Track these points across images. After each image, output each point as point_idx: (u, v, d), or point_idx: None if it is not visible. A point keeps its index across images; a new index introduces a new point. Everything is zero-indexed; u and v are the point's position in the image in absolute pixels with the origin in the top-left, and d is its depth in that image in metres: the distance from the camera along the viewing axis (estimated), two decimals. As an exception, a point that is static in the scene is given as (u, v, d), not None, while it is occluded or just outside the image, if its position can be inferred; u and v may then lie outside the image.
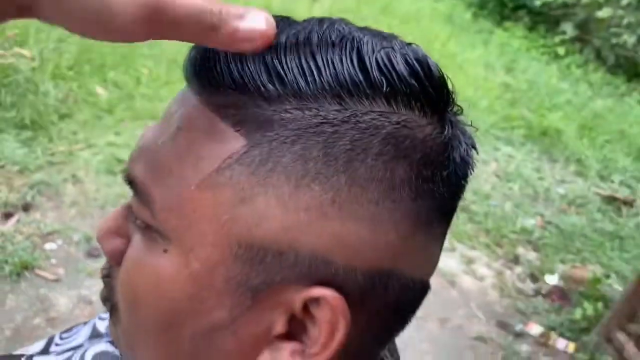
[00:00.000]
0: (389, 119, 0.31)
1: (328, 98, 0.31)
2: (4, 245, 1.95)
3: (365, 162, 0.31)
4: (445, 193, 0.34)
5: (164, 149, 0.33)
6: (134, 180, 0.34)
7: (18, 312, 1.75)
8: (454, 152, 0.34)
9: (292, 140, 0.30)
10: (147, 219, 0.33)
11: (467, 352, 2.08)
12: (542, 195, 3.47)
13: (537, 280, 2.65)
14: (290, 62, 0.31)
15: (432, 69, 0.33)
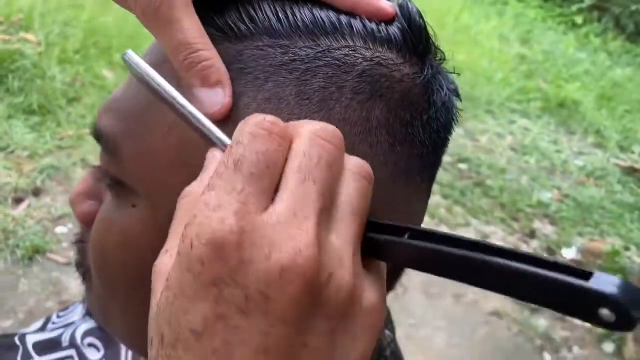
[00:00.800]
0: (363, 55, 0.30)
1: (302, 36, 0.30)
2: (15, 229, 1.96)
3: (339, 100, 0.29)
4: (426, 140, 0.32)
5: (132, 96, 0.32)
6: (101, 133, 0.33)
7: (31, 295, 1.76)
8: (435, 95, 0.33)
9: (265, 77, 0.29)
10: (115, 172, 0.32)
11: (482, 328, 2.05)
12: (559, 168, 3.40)
13: (554, 254, 2.60)
14: (262, 5, 0.30)
15: (412, 12, 0.32)
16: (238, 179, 0.23)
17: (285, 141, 0.25)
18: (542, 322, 2.13)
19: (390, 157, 0.31)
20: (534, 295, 0.23)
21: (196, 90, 0.28)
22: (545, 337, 2.05)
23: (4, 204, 2.06)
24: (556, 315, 2.19)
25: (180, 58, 0.28)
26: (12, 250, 1.88)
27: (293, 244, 0.22)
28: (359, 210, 0.25)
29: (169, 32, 0.28)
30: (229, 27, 0.30)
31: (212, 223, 0.22)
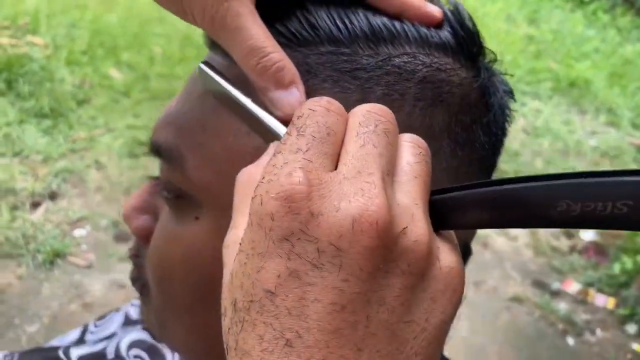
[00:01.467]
0: (423, 61, 0.31)
1: (361, 44, 0.30)
2: (35, 234, 1.97)
3: (402, 108, 0.30)
4: (485, 144, 0.33)
5: (193, 109, 0.33)
6: (161, 146, 0.34)
7: (54, 299, 1.78)
8: (492, 98, 0.33)
9: (332, 81, 0.30)
10: (178, 182, 0.33)
11: (504, 314, 2.05)
12: (573, 149, 3.37)
13: (572, 236, 2.58)
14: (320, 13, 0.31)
15: (463, 14, 0.33)
16: (302, 141, 0.23)
17: (342, 117, 0.25)
18: (563, 306, 2.12)
19: (452, 162, 0.31)
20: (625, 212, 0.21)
21: (271, 93, 0.29)
22: (567, 321, 2.04)
23: (22, 209, 2.07)
24: (577, 298, 2.18)
25: (253, 63, 0.28)
26: (34, 255, 1.89)
27: (362, 195, 0.22)
28: (421, 174, 0.25)
29: (239, 40, 0.28)
30: (292, 34, 0.30)
31: (280, 178, 0.22)
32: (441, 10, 0.32)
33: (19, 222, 2.01)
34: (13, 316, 1.69)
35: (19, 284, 1.80)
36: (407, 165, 0.25)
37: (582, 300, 2.17)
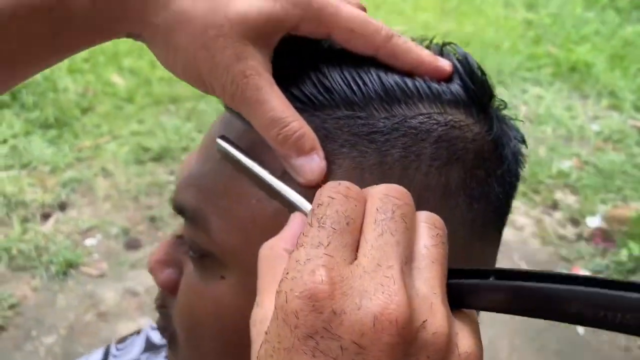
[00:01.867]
0: (437, 120, 0.31)
1: (376, 106, 0.31)
2: (47, 246, 1.99)
3: (419, 169, 0.31)
4: (500, 194, 0.34)
5: (214, 172, 0.33)
6: (185, 208, 0.35)
7: (69, 310, 1.80)
8: (505, 149, 0.34)
9: (350, 146, 0.31)
10: (203, 244, 0.34)
11: (513, 305, 2.07)
12: (576, 135, 3.37)
13: (578, 224, 2.60)
14: (334, 75, 0.32)
15: (473, 66, 0.34)
16: (323, 234, 0.24)
17: (360, 203, 0.26)
18: (572, 295, 2.14)
19: (468, 215, 0.32)
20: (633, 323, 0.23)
21: (293, 160, 0.30)
22: (576, 310, 2.06)
23: (33, 221, 2.09)
24: (586, 286, 2.19)
25: (274, 134, 0.29)
26: (47, 266, 1.92)
27: (382, 292, 0.23)
28: (438, 258, 0.26)
29: (260, 112, 0.30)
30: (308, 99, 0.31)
31: (303, 276, 0.23)
32: (451, 63, 0.33)
33: (30, 234, 2.03)
34: (30, 328, 1.72)
35: (34, 296, 1.83)
36: (425, 249, 0.25)
37: (591, 288, 2.19)
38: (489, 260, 0.35)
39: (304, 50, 0.33)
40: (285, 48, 0.32)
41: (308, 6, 0.30)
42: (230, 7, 0.28)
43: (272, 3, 0.29)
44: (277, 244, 0.27)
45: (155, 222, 2.19)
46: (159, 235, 2.14)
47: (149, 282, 1.94)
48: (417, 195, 0.30)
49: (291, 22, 0.30)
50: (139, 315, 1.82)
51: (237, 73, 0.29)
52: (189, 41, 0.28)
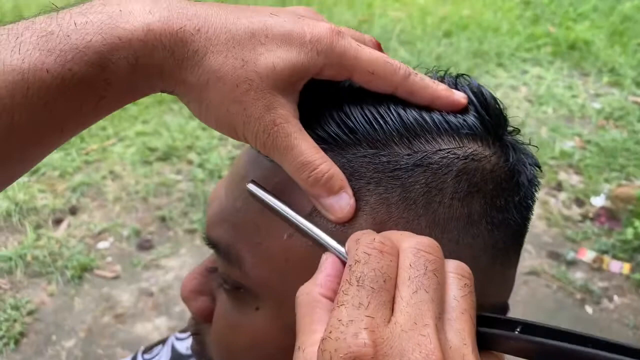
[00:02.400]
0: (457, 154, 0.33)
1: (397, 143, 0.33)
2: (60, 251, 2.03)
3: (442, 202, 0.32)
4: (518, 219, 0.35)
5: (245, 208, 0.35)
6: (218, 243, 0.36)
7: (87, 313, 1.84)
8: (521, 176, 0.36)
9: (375, 183, 0.32)
10: (237, 278, 0.35)
11: (522, 289, 2.10)
12: (577, 114, 3.38)
13: (583, 204, 2.61)
14: (356, 113, 0.34)
15: (487, 98, 0.36)
16: (363, 294, 0.26)
17: (394, 257, 0.28)
18: (580, 276, 2.17)
19: (489, 241, 0.34)
20: None
21: (323, 199, 0.32)
22: (584, 290, 2.09)
23: (45, 227, 2.12)
24: (592, 266, 2.22)
25: (305, 177, 0.31)
26: (62, 271, 1.95)
27: (420, 351, 0.24)
28: (467, 308, 0.28)
29: (290, 157, 0.31)
30: (333, 139, 0.33)
31: (347, 338, 0.25)
32: (466, 95, 0.35)
33: (43, 240, 2.06)
34: (50, 333, 1.76)
35: (51, 301, 1.86)
36: (455, 301, 0.27)
37: (598, 268, 2.22)
38: (509, 281, 0.37)
39: (326, 90, 0.34)
40: (309, 89, 0.33)
41: (331, 53, 0.32)
42: (260, 62, 0.30)
43: (296, 54, 0.31)
44: (313, 289, 0.28)
45: (165, 222, 2.22)
46: (170, 234, 2.17)
47: (162, 281, 1.97)
48: (441, 226, 0.32)
49: (315, 69, 0.32)
50: (155, 316, 1.85)
51: (268, 122, 0.31)
52: (221, 97, 0.30)
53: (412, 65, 0.36)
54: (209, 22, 0.30)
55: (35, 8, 2.11)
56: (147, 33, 0.28)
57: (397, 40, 4.04)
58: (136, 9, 0.29)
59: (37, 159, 0.31)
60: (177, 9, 0.30)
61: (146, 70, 0.29)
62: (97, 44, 0.27)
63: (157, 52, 0.29)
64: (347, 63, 0.32)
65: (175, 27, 0.29)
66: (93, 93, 0.28)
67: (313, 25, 0.32)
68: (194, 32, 0.29)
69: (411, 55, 3.81)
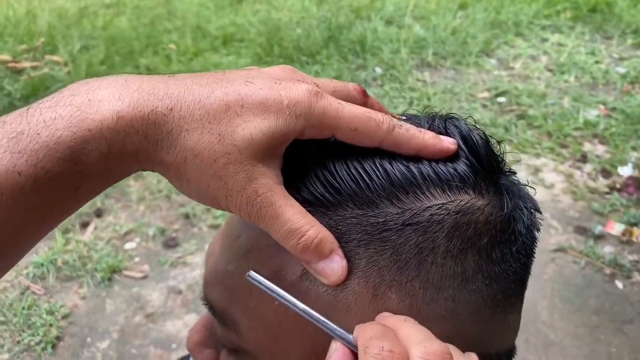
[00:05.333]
0: (448, 210, 0.32)
1: (385, 201, 0.32)
2: (89, 254, 2.07)
3: (435, 262, 0.31)
4: (518, 268, 0.34)
5: (239, 272, 0.35)
6: (214, 306, 0.37)
7: (118, 314, 1.88)
8: (518, 224, 0.34)
9: (364, 245, 0.31)
10: (234, 340, 0.36)
11: (549, 266, 2.07)
12: (601, 81, 3.28)
13: (609, 175, 2.56)
14: (341, 171, 0.33)
15: (477, 142, 0.34)
16: None
17: None
18: (608, 250, 2.13)
19: (488, 295, 0.33)
20: None
21: (315, 264, 0.31)
22: (614, 265, 2.06)
23: (73, 231, 2.17)
24: (621, 239, 2.18)
25: (293, 245, 0.31)
26: (92, 274, 2.00)
27: None
28: None
29: (276, 226, 0.31)
30: (318, 200, 0.32)
31: None
32: (455, 141, 0.34)
33: (72, 244, 2.11)
34: (85, 336, 1.81)
35: (83, 304, 1.92)
36: None
37: (627, 241, 2.17)
38: (513, 325, 0.36)
39: (311, 146, 0.34)
40: (293, 147, 0.33)
41: (310, 115, 0.31)
42: (237, 134, 0.30)
43: (274, 121, 0.30)
44: None
45: (189, 219, 2.25)
46: (195, 231, 2.20)
47: (190, 278, 2.01)
48: (436, 286, 0.31)
49: (295, 132, 0.31)
50: (185, 313, 1.89)
51: (251, 193, 0.30)
52: (200, 173, 0.30)
53: (427, 43, 0.34)
54: (182, 99, 0.29)
55: (48, 13, 2.13)
56: (118, 121, 0.28)
57: (411, 17, 3.97)
58: (105, 96, 0.28)
59: (20, 254, 0.31)
60: (147, 90, 0.29)
61: (120, 156, 0.29)
62: (68, 139, 0.27)
63: (130, 137, 0.28)
64: (328, 123, 0.31)
65: (146, 110, 0.29)
66: (68, 186, 0.28)
67: (289, 89, 0.31)
68: (166, 113, 0.29)
69: (426, 31, 3.74)
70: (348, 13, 3.93)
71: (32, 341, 1.76)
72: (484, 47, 3.53)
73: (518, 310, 0.36)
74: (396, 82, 3.24)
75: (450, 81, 3.29)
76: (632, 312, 1.90)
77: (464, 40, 3.58)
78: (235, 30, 3.66)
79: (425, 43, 3.58)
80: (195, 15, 3.57)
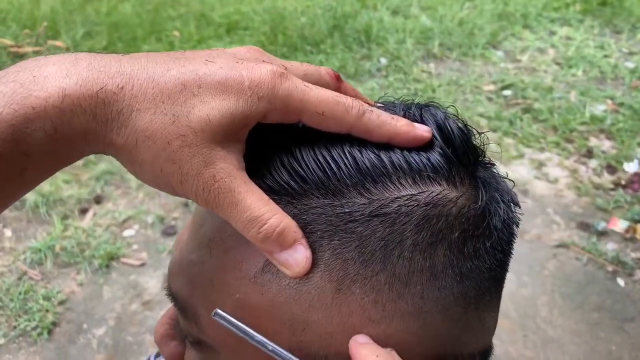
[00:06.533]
0: (417, 201, 0.30)
1: (352, 190, 0.30)
2: (87, 241, 2.07)
3: (402, 255, 0.29)
4: (493, 264, 0.32)
5: (201, 262, 0.33)
6: (176, 297, 0.35)
7: (115, 301, 1.88)
8: (494, 218, 0.32)
9: (329, 237, 0.30)
10: (196, 334, 0.34)
11: (550, 262, 2.05)
12: (609, 75, 3.24)
13: (615, 171, 2.52)
14: (308, 159, 0.31)
15: (454, 130, 0.32)
16: None
17: None
18: (611, 247, 2.11)
19: (459, 292, 0.31)
20: None
21: (277, 255, 0.29)
22: (616, 262, 2.03)
23: (72, 217, 2.17)
24: (625, 236, 2.15)
25: (254, 234, 0.29)
26: (90, 261, 1.99)
27: None
28: None
29: (236, 214, 0.29)
30: (283, 188, 0.31)
31: None
32: (430, 129, 0.32)
33: (71, 230, 2.10)
34: (81, 322, 1.80)
35: (81, 290, 1.91)
36: None
37: (631, 238, 2.15)
38: (488, 324, 0.34)
39: (278, 132, 0.32)
40: (258, 131, 0.31)
41: (273, 97, 0.29)
42: (193, 115, 0.27)
43: (234, 102, 0.28)
44: None
45: (188, 207, 2.23)
46: (193, 219, 2.19)
47: (188, 267, 2.00)
48: (403, 281, 0.29)
49: (258, 115, 0.29)
50: (182, 301, 1.88)
51: (208, 179, 0.28)
52: (153, 156, 0.28)
53: (434, 34, 0.32)
54: (135, 77, 0.27)
55: None
56: (64, 99, 0.26)
57: (417, 7, 3.92)
58: (52, 73, 0.26)
59: None
60: (98, 68, 0.27)
61: (67, 137, 0.27)
62: (9, 117, 0.25)
63: (77, 117, 0.27)
64: (294, 106, 0.29)
65: (94, 88, 0.27)
66: (12, 168, 0.27)
67: (252, 69, 0.29)
68: (116, 91, 0.27)
69: (433, 21, 3.69)
70: (354, 2, 3.90)
71: (28, 326, 1.76)
72: (491, 38, 3.49)
73: (494, 309, 0.34)
74: (401, 73, 3.21)
75: (456, 73, 3.26)
76: (633, 310, 1.87)
77: (471, 32, 3.54)
78: (239, 18, 3.63)
79: (431, 34, 3.54)
80: (199, 2, 3.54)
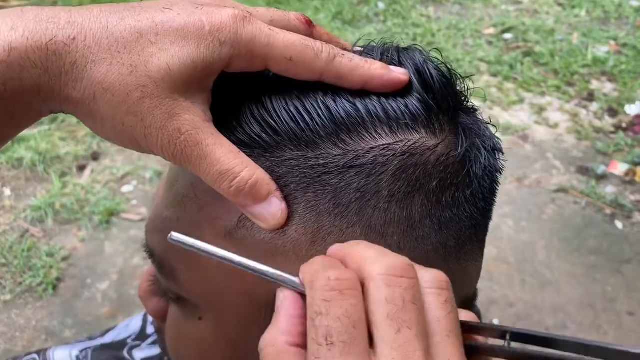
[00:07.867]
0: (394, 150, 0.29)
1: (326, 141, 0.29)
2: (87, 197, 2.07)
3: (378, 207, 0.29)
4: (473, 212, 0.31)
5: (174, 219, 0.33)
6: (153, 254, 0.35)
7: (117, 256, 1.90)
8: (475, 165, 0.31)
9: (303, 189, 0.29)
10: (175, 290, 0.34)
11: (549, 207, 2.05)
12: (613, 15, 3.16)
13: (616, 114, 2.49)
14: (280, 110, 0.30)
15: (433, 73, 0.31)
16: (336, 353, 0.23)
17: (358, 292, 0.24)
18: (610, 190, 2.10)
19: (438, 241, 0.30)
20: None
21: (251, 208, 0.29)
22: (615, 205, 2.03)
23: (70, 174, 2.17)
24: (624, 179, 2.15)
25: (225, 188, 0.28)
26: (90, 217, 2.00)
27: None
28: (452, 329, 0.25)
29: (205, 168, 0.28)
30: (255, 141, 0.29)
31: None
32: (407, 72, 0.30)
33: (70, 187, 2.11)
34: (85, 277, 1.83)
35: (83, 246, 1.93)
36: (437, 322, 0.24)
37: (630, 181, 2.14)
38: (471, 273, 0.34)
39: (245, 83, 0.30)
40: (226, 83, 0.29)
41: (236, 42, 0.27)
42: (151, 64, 0.26)
43: (195, 48, 0.27)
44: (278, 339, 0.25)
45: (186, 162, 2.23)
46: (192, 173, 2.19)
47: (188, 221, 2.01)
48: (379, 232, 0.29)
49: (221, 62, 0.28)
50: (183, 255, 1.91)
51: (173, 131, 0.27)
52: (112, 109, 0.26)
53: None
54: (87, 27, 0.26)
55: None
56: (11, 52, 0.25)
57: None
58: None
59: None
60: (46, 19, 0.26)
61: (19, 93, 0.26)
62: None
63: (27, 71, 0.25)
64: (259, 51, 0.28)
65: (43, 40, 0.25)
66: None
67: (212, 13, 0.27)
68: (68, 42, 0.26)
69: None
70: (350, -55, 3.76)
71: (33, 282, 1.79)
72: (492, -20, 3.38)
73: (476, 257, 0.34)
74: (399, 18, 3.13)
75: (455, 17, 3.18)
76: (630, 252, 1.89)
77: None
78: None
79: (430, -23, 3.43)
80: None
